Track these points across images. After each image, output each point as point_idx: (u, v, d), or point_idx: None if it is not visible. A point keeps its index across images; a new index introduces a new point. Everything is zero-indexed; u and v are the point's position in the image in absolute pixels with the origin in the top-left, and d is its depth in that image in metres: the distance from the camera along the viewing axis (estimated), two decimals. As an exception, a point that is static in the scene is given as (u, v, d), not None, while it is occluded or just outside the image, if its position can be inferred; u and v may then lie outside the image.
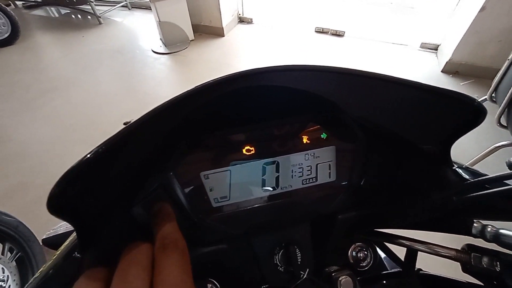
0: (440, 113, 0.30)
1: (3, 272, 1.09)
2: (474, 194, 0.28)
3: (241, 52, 3.15)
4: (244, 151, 0.36)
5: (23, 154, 1.99)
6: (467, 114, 0.28)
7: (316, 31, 3.37)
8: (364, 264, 0.47)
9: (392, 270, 0.44)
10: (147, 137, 0.27)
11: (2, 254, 1.12)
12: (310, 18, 3.59)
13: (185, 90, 0.25)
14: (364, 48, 3.06)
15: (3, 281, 1.07)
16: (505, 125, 1.23)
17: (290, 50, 3.09)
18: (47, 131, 2.19)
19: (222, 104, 0.29)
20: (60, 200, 0.19)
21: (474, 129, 0.29)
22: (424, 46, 2.94)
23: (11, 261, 1.13)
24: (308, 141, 0.38)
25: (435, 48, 2.89)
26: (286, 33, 3.36)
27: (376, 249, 0.47)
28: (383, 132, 0.35)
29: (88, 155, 0.20)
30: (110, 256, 0.28)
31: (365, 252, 0.46)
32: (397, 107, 0.32)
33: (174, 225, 0.27)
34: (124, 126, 0.23)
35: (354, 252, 0.46)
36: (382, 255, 0.49)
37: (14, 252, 1.16)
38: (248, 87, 0.27)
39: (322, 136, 0.38)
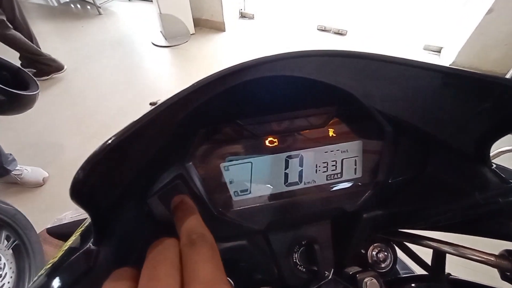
0: (479, 105, 0.28)
1: (0, 260, 1.09)
2: None
3: (242, 48, 3.11)
4: (267, 142, 0.34)
5: (21, 143, 1.96)
6: None
7: (318, 29, 3.35)
8: (383, 266, 0.45)
9: (419, 273, 0.41)
10: (169, 122, 0.25)
11: (-1, 241, 1.12)
12: (313, 15, 3.56)
13: (215, 72, 0.23)
14: (366, 49, 3.03)
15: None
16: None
17: (292, 48, 3.05)
18: (46, 122, 2.15)
19: (243, 92, 0.27)
20: (84, 186, 0.17)
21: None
22: (427, 48, 2.92)
23: (8, 249, 1.13)
24: (334, 135, 0.36)
25: (438, 51, 2.87)
26: (288, 30, 3.33)
27: (395, 250, 0.45)
28: (413, 130, 0.33)
29: (115, 137, 0.18)
30: (128, 250, 0.26)
31: (385, 253, 0.44)
32: (426, 101, 0.29)
33: (198, 218, 0.25)
34: (152, 106, 0.20)
35: (373, 253, 0.44)
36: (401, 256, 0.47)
37: (11, 240, 1.16)
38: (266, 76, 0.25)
39: (348, 129, 0.36)
